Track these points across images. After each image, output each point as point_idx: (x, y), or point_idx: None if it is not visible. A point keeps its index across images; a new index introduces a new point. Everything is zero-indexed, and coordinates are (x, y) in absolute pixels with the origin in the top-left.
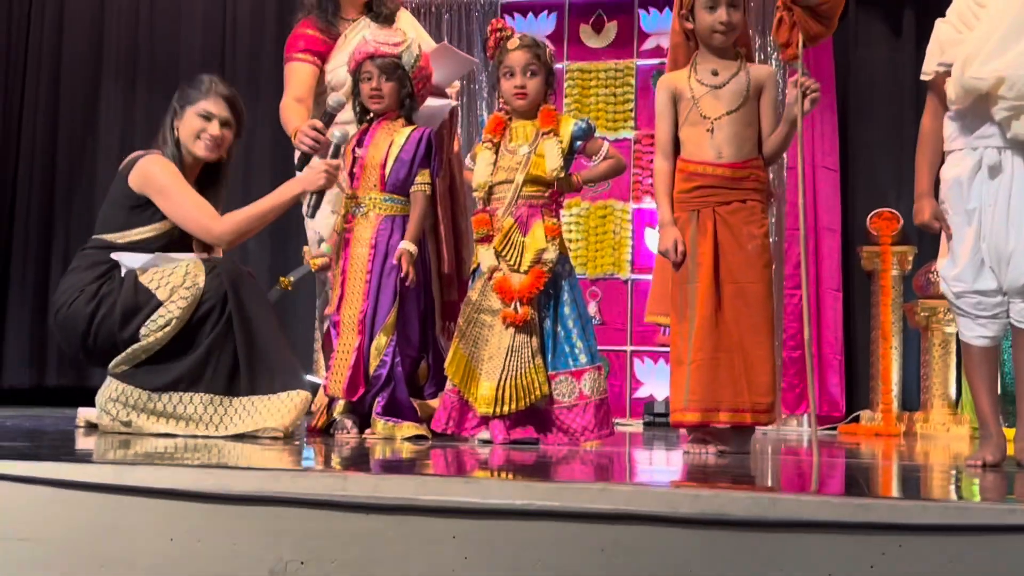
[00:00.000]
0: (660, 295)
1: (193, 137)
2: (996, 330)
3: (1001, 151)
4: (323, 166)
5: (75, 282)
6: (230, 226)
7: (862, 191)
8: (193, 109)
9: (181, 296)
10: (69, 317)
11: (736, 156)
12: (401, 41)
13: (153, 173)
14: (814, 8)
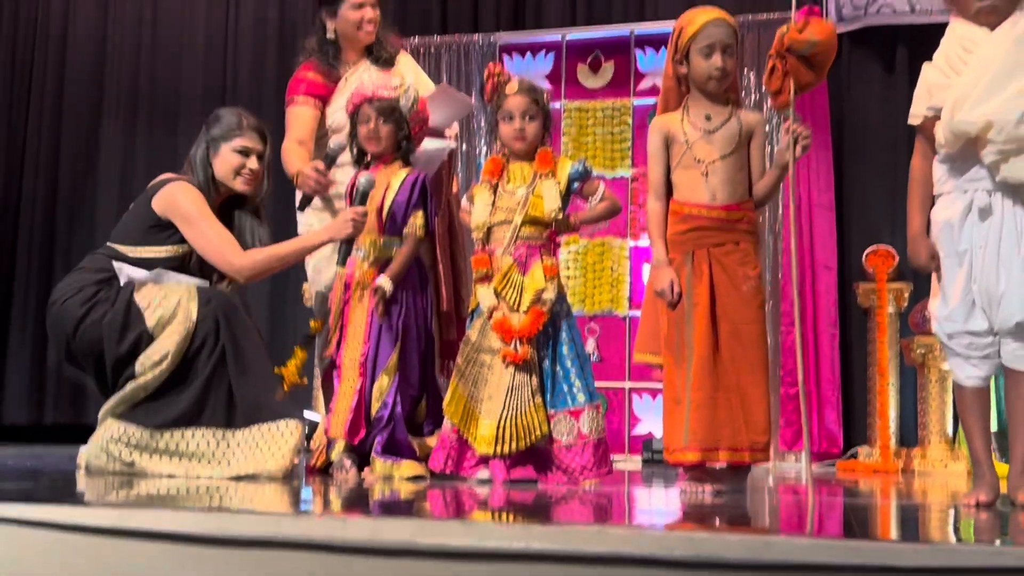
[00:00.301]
0: (650, 334)
1: (233, 174)
2: (988, 370)
3: (991, 194)
4: (350, 214)
5: (76, 280)
6: (250, 262)
7: (858, 229)
8: (229, 146)
9: (174, 330)
10: (61, 312)
11: (730, 199)
12: (399, 84)
13: (180, 201)
14: (807, 57)
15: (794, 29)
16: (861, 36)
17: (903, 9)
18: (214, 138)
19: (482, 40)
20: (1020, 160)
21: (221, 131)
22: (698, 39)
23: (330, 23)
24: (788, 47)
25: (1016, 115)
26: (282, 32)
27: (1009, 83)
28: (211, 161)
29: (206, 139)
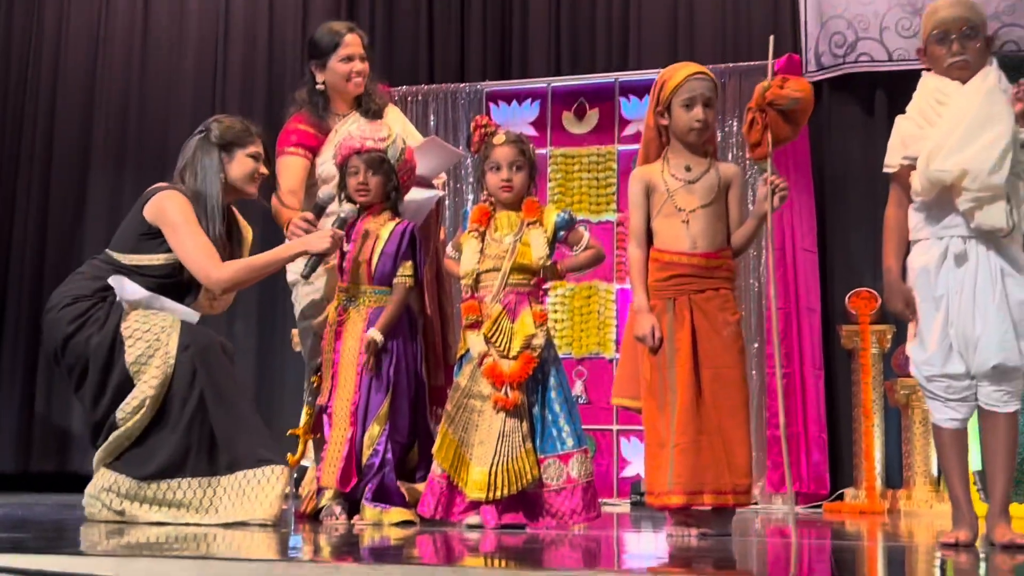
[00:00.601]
0: (627, 377)
1: (249, 178)
2: (965, 412)
3: (966, 240)
4: (329, 232)
5: (74, 288)
6: (228, 274)
7: (840, 271)
8: (245, 152)
9: (152, 376)
10: (54, 321)
11: (710, 247)
12: (387, 136)
13: (168, 208)
14: (786, 112)
15: (775, 85)
16: (841, 83)
17: (881, 57)
18: (228, 144)
19: (469, 88)
20: (994, 207)
21: (234, 136)
22: (680, 92)
23: (319, 75)
24: (770, 102)
25: (989, 164)
26: (270, 80)
27: (982, 134)
28: (225, 167)
29: (216, 145)
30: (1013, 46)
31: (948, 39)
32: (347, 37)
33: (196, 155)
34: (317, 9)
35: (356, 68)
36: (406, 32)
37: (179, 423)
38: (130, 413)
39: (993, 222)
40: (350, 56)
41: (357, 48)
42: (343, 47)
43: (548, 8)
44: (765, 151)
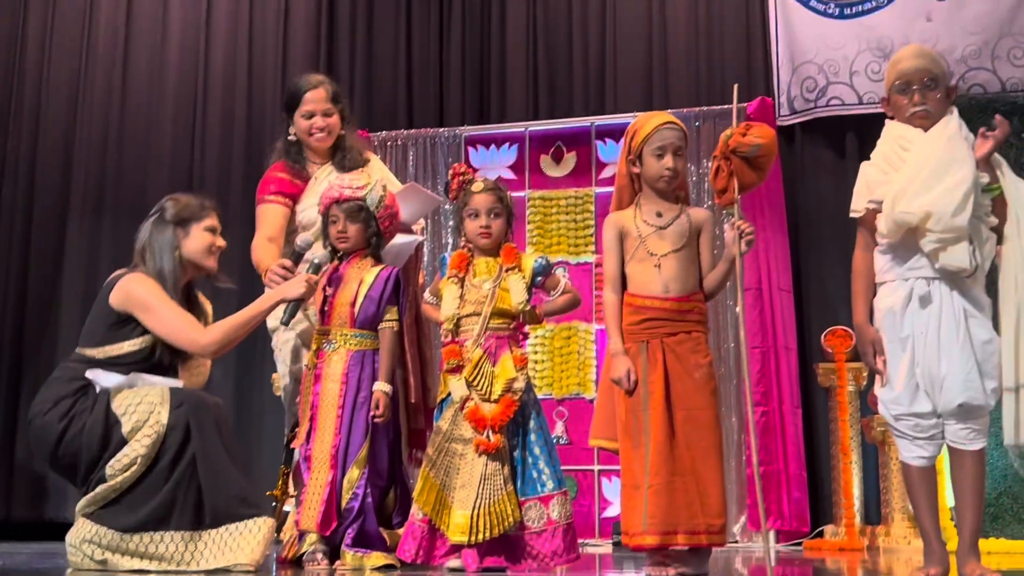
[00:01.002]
0: (604, 419)
1: (206, 253)
2: (933, 451)
3: (930, 282)
4: (304, 277)
5: (52, 394)
6: (216, 336)
7: (816, 310)
8: (200, 226)
9: (145, 435)
10: (42, 429)
11: (681, 291)
12: (365, 184)
13: (135, 291)
14: (751, 159)
15: (738, 133)
16: (813, 126)
17: (851, 100)
18: (183, 220)
19: (448, 133)
20: (957, 248)
21: (190, 213)
22: (651, 141)
23: (291, 127)
24: (732, 149)
25: (953, 206)
26: (249, 127)
27: (945, 177)
28: (180, 243)
29: (171, 223)
30: (979, 89)
31: (910, 89)
32: (307, 94)
33: (152, 235)
34: (296, 56)
35: (317, 124)
36: (385, 78)
37: (167, 478)
38: (120, 470)
39: (957, 262)
40: (310, 112)
41: (318, 104)
42: (303, 104)
43: (525, 54)
44: (731, 197)
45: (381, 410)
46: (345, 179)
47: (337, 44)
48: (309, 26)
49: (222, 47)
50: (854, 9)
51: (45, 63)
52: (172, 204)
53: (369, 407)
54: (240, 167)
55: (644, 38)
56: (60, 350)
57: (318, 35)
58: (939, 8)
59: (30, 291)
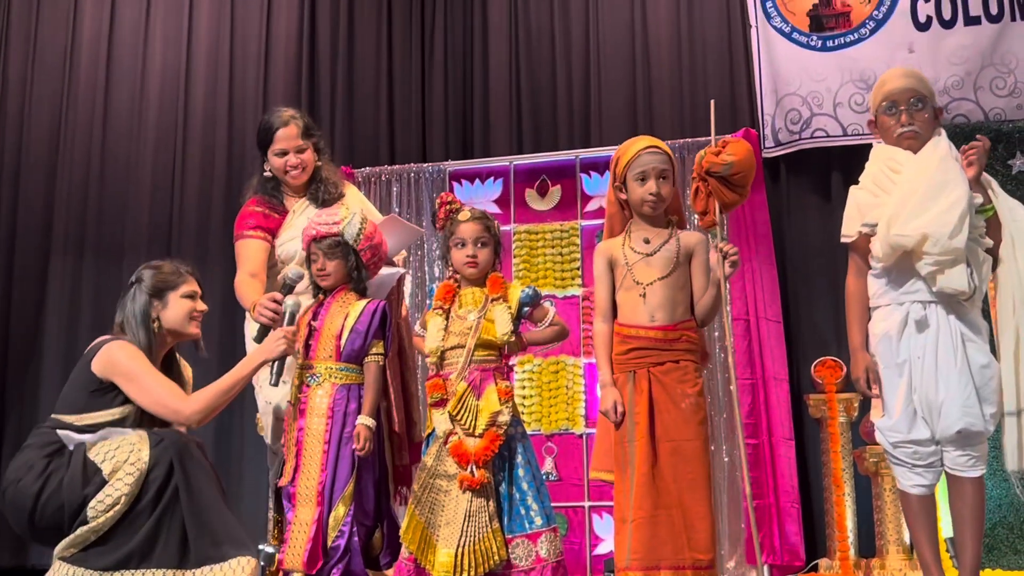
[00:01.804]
0: (604, 452)
1: (186, 320)
2: (932, 479)
3: (926, 305)
4: (281, 333)
5: (26, 460)
6: (199, 405)
7: (807, 340)
8: (176, 294)
9: (127, 472)
10: (17, 494)
11: (668, 319)
12: (341, 218)
13: (119, 359)
14: (727, 178)
15: (711, 152)
16: (798, 157)
17: (836, 132)
18: (159, 290)
19: (432, 168)
20: (955, 271)
21: (165, 282)
22: (633, 167)
23: (266, 163)
24: (707, 170)
25: (949, 228)
26: (229, 163)
27: (939, 199)
28: (156, 314)
29: (147, 293)
30: (963, 119)
31: (897, 110)
32: (279, 132)
33: (129, 307)
34: (277, 91)
35: (291, 162)
36: (367, 113)
37: (151, 513)
38: (103, 511)
39: (955, 285)
40: (283, 150)
41: (290, 141)
42: (275, 142)
43: (509, 88)
44: (712, 219)
45: (362, 444)
46: (323, 215)
47: (318, 80)
48: (290, 62)
49: (202, 83)
50: (836, 41)
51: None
52: (147, 273)
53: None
54: (220, 203)
55: (628, 70)
56: (42, 403)
57: (299, 70)
58: (921, 39)
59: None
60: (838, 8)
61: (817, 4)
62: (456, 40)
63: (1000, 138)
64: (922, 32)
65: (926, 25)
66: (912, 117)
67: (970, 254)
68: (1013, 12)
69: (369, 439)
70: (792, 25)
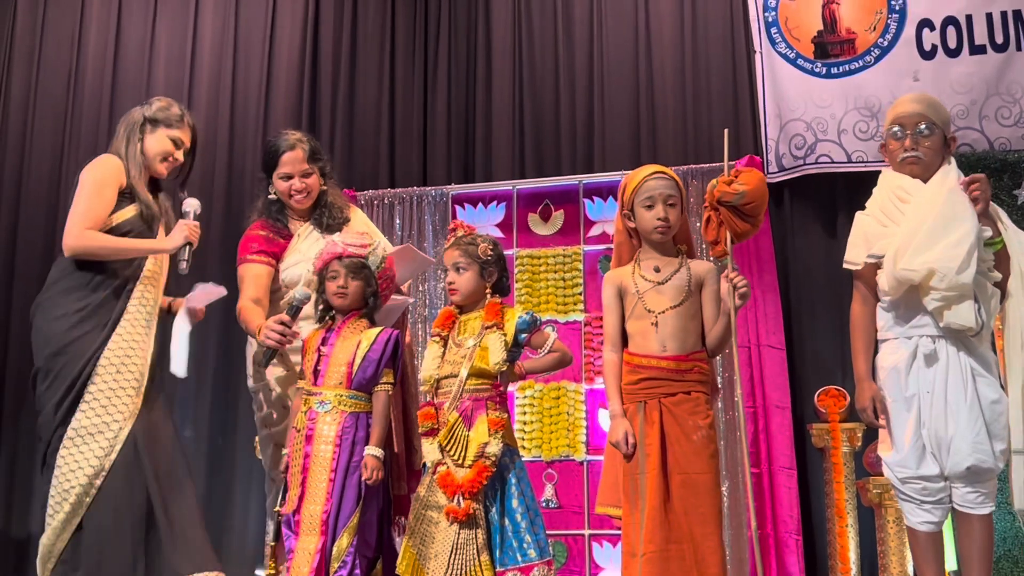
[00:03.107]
0: (610, 485)
1: (160, 157)
2: (940, 515)
3: (935, 340)
4: (184, 223)
5: (61, 303)
6: (83, 244)
7: (810, 369)
8: (167, 132)
9: (95, 455)
10: (40, 331)
11: (680, 349)
12: (368, 243)
13: (87, 169)
14: (739, 208)
15: (723, 181)
16: (802, 183)
17: (840, 158)
18: (155, 120)
19: (435, 192)
20: (962, 307)
21: (163, 116)
22: (640, 193)
23: (271, 187)
24: (719, 199)
25: (957, 263)
26: (229, 186)
27: (948, 232)
28: (142, 136)
29: (144, 116)
30: (968, 148)
31: (903, 134)
32: (284, 155)
33: (126, 120)
34: (278, 112)
35: (295, 186)
36: (368, 137)
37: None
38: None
39: (962, 321)
40: (288, 175)
41: (295, 166)
42: (280, 166)
43: (511, 112)
44: (723, 248)
45: (370, 474)
46: (352, 237)
47: (320, 101)
48: (291, 82)
49: (204, 103)
50: (841, 68)
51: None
52: (155, 101)
53: (360, 473)
54: (220, 222)
55: (631, 95)
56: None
57: (300, 92)
58: (926, 68)
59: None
60: (843, 35)
61: (822, 31)
62: (459, 63)
63: (1005, 168)
64: (927, 60)
65: (931, 54)
66: (916, 143)
67: (978, 289)
68: (1019, 42)
69: (377, 469)
70: (797, 51)
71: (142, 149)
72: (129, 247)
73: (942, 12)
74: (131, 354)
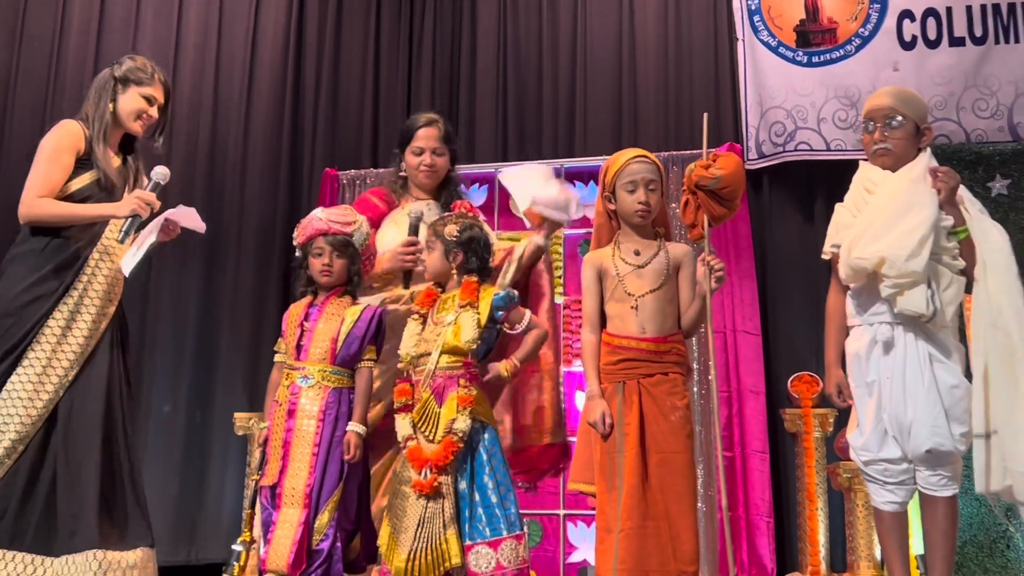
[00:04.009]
0: (583, 463)
1: (133, 115)
2: (904, 496)
3: (893, 327)
4: (137, 194)
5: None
6: (34, 212)
7: (784, 355)
8: (139, 90)
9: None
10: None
11: (659, 331)
12: (353, 220)
13: (47, 135)
14: (716, 191)
15: (701, 166)
16: (781, 171)
17: (819, 146)
18: (126, 79)
19: None
20: (914, 292)
21: (135, 74)
22: (622, 176)
23: (402, 162)
24: (696, 183)
25: (907, 251)
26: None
27: (902, 221)
28: (116, 98)
29: (115, 76)
30: (945, 139)
31: (874, 128)
32: (420, 131)
33: (97, 82)
34: (262, 92)
35: (425, 161)
36: (351, 117)
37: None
38: None
39: (913, 307)
40: (420, 149)
41: (429, 142)
42: (414, 140)
43: (495, 96)
44: (701, 231)
45: (352, 451)
46: (335, 213)
47: (304, 81)
48: (276, 61)
49: (188, 83)
50: (822, 57)
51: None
52: (126, 61)
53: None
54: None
55: (614, 81)
56: None
57: (285, 71)
58: (906, 58)
59: None
60: (825, 24)
61: (804, 20)
62: (444, 46)
63: (980, 160)
64: (907, 51)
65: (911, 44)
66: (884, 135)
67: (933, 275)
68: (997, 35)
69: (359, 446)
70: (779, 40)
71: (114, 109)
72: (78, 213)
73: (923, 3)
74: (77, 322)
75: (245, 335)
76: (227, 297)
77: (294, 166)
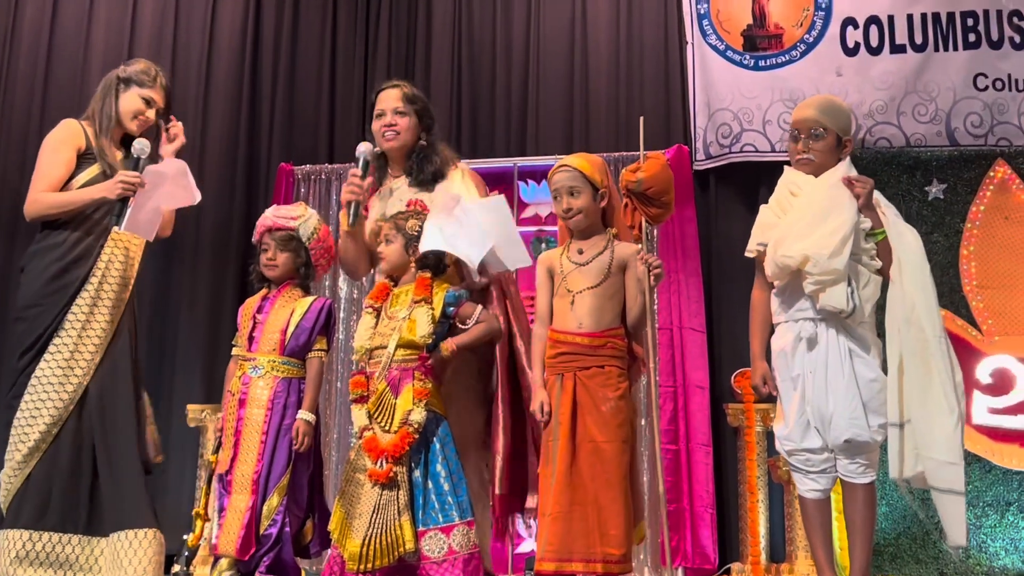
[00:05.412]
0: None
1: (131, 115)
2: (825, 483)
3: (816, 323)
4: (119, 176)
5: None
6: (35, 207)
7: (728, 351)
8: (139, 91)
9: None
10: (21, 288)
11: (595, 326)
12: (299, 215)
13: (51, 133)
14: (643, 193)
15: (628, 170)
16: (727, 171)
17: (764, 147)
18: (128, 80)
19: None
20: (835, 289)
21: (137, 76)
22: (550, 187)
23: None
24: (624, 187)
25: (829, 250)
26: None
27: (824, 222)
28: (118, 97)
29: (119, 77)
30: (885, 143)
31: (798, 137)
32: (381, 94)
33: (104, 80)
34: (219, 84)
35: (385, 121)
36: (307, 112)
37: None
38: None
39: (834, 303)
40: (381, 112)
41: (389, 103)
42: (376, 104)
43: (449, 94)
44: (637, 232)
45: (301, 439)
46: (281, 209)
47: (260, 75)
48: (233, 54)
49: None
50: (768, 61)
51: None
52: (133, 63)
53: (293, 439)
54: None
55: (566, 82)
56: None
57: (241, 64)
58: (849, 64)
59: None
60: (771, 30)
61: (751, 25)
62: (399, 44)
63: (918, 165)
64: (850, 57)
65: (854, 51)
66: (807, 146)
67: (853, 274)
68: (936, 43)
69: (308, 434)
70: (727, 43)
71: (116, 107)
72: (72, 199)
73: (866, 11)
74: (99, 307)
75: (202, 329)
76: (185, 292)
77: (251, 161)
